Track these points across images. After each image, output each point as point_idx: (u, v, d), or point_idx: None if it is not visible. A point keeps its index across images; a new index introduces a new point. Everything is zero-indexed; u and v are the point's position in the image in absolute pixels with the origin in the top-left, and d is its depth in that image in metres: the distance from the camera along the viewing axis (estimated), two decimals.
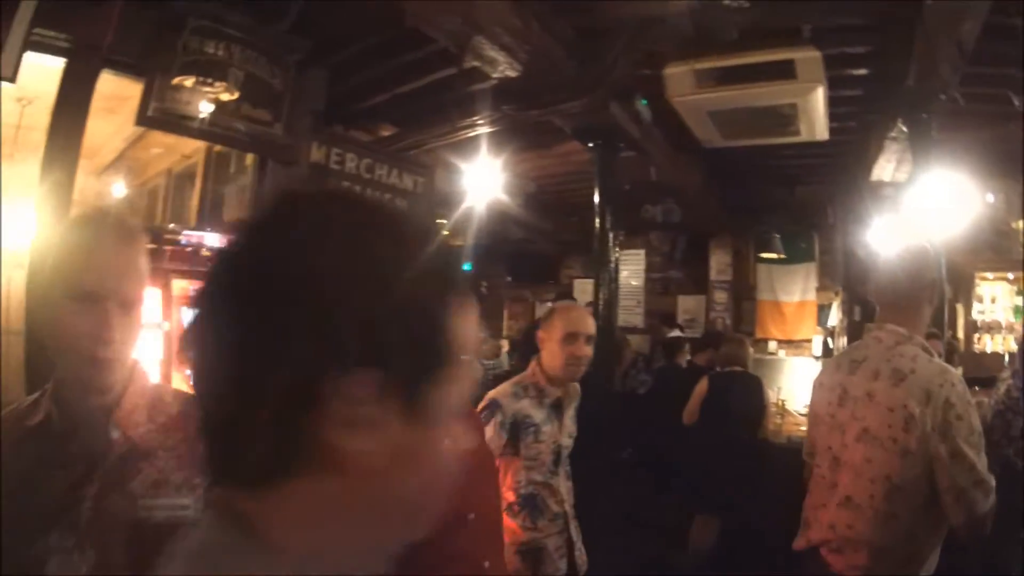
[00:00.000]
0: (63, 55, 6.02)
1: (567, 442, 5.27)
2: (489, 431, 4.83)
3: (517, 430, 4.97)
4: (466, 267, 11.68)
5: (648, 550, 9.44)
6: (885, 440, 4.12)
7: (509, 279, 19.04)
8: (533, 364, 5.30)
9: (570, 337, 5.11)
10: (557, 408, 5.22)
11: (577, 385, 5.43)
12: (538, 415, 5.08)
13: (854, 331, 14.18)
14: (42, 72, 5.83)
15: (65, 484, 2.30)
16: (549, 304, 14.04)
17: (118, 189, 11.50)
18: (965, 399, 4.05)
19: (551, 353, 5.17)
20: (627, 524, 9.42)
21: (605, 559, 6.83)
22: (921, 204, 8.33)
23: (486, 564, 3.34)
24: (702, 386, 9.54)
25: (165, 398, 2.60)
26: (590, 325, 5.26)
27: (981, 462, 3.98)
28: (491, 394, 5.15)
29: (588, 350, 5.20)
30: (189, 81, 6.33)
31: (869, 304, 14.21)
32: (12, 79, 5.40)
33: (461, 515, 3.19)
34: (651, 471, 10.46)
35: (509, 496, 4.94)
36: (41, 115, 8.75)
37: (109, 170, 11.10)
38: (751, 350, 10.74)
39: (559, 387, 5.22)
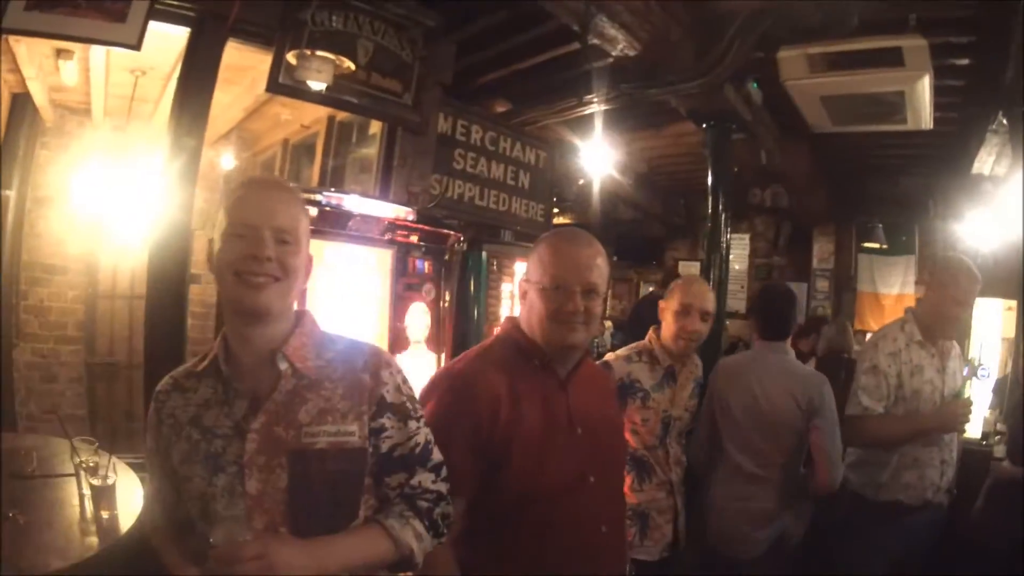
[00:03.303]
0: (187, 24, 6.16)
1: (679, 413, 5.27)
2: None
3: (624, 392, 5.04)
4: None
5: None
6: None
7: (615, 259, 18.60)
8: (651, 331, 5.37)
9: (685, 309, 5.16)
10: (671, 377, 5.25)
11: (697, 358, 5.52)
12: (648, 381, 5.16)
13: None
14: (156, 43, 5.92)
15: (234, 418, 2.56)
16: (651, 288, 14.07)
17: (229, 160, 11.65)
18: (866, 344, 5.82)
19: (667, 323, 5.24)
20: None
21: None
22: (1017, 199, 8.40)
23: (603, 529, 3.33)
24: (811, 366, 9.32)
25: (333, 338, 2.83)
26: (708, 300, 5.27)
27: None
28: (607, 357, 5.31)
29: (702, 327, 5.23)
30: (318, 53, 6.45)
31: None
32: (138, 47, 5.52)
33: (583, 476, 3.28)
34: None
35: None
36: (154, 86, 8.94)
37: (222, 140, 11.21)
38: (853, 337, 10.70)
39: (673, 357, 5.26)
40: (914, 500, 5.33)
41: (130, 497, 4.36)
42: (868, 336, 10.01)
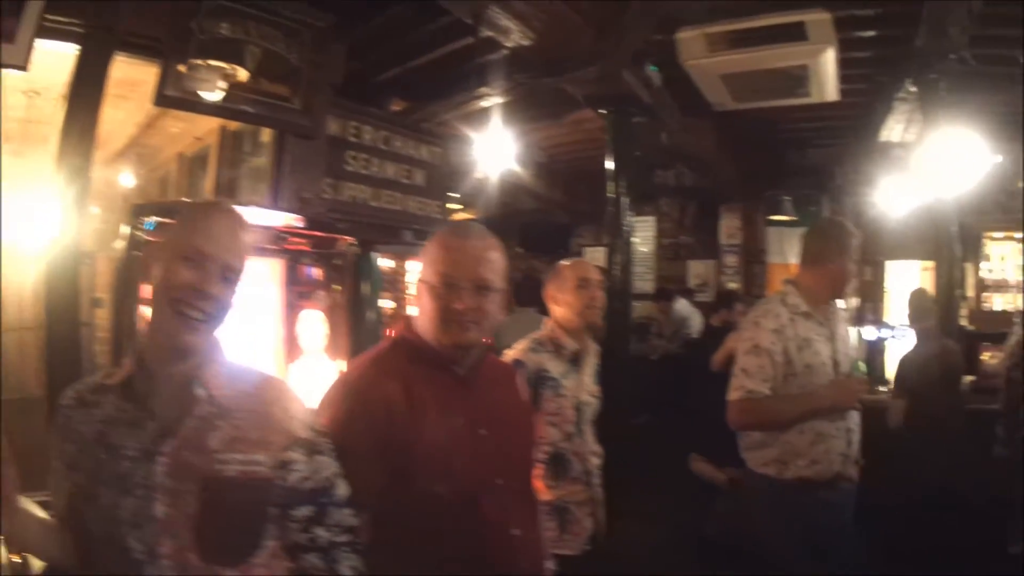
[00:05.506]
0: (76, 41, 5.94)
1: (588, 399, 5.30)
2: None
3: (536, 385, 5.00)
4: None
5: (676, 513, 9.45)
6: None
7: (520, 250, 18.41)
8: (548, 322, 5.36)
9: (583, 283, 5.21)
10: (575, 362, 5.27)
11: (594, 342, 5.53)
12: (556, 369, 5.14)
13: (863, 291, 14.29)
14: (49, 62, 5.75)
15: (143, 440, 2.50)
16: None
17: (128, 178, 11.47)
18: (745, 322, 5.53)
19: (567, 304, 5.24)
20: (652, 490, 9.49)
21: (631, 526, 6.88)
22: (929, 164, 8.48)
23: (515, 531, 3.25)
24: (735, 339, 9.21)
25: (244, 369, 2.82)
26: (596, 272, 5.41)
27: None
28: (510, 353, 5.17)
29: (601, 294, 5.32)
30: (206, 62, 6.34)
31: (878, 264, 14.45)
32: (24, 67, 5.35)
33: (489, 479, 3.22)
34: (671, 435, 10.26)
35: None
36: (48, 107, 8.70)
37: (119, 159, 11.01)
38: None
39: (576, 340, 5.27)
40: (824, 474, 5.13)
41: None
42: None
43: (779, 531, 5.22)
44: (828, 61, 8.42)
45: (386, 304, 7.68)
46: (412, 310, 3.45)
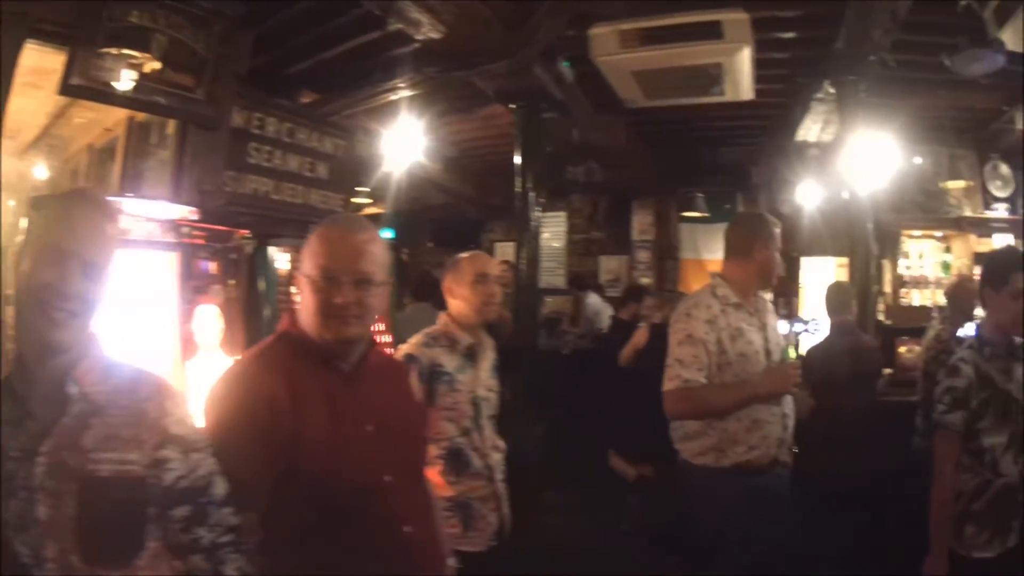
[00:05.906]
0: None
1: (485, 394, 5.26)
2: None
3: (431, 379, 4.97)
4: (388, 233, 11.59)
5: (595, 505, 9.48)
6: None
7: (431, 245, 18.64)
8: (442, 316, 5.33)
9: (481, 278, 5.18)
10: (471, 357, 5.23)
11: (489, 337, 5.50)
12: (450, 364, 5.09)
13: (778, 286, 14.44)
14: None
15: (24, 440, 2.44)
16: None
17: (40, 170, 11.27)
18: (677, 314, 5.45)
19: (463, 298, 5.21)
20: (566, 484, 9.52)
21: (545, 520, 6.85)
22: (845, 163, 8.58)
23: (407, 528, 3.20)
24: (642, 335, 9.29)
25: (120, 365, 2.74)
26: (495, 267, 5.51)
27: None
28: (404, 348, 5.16)
29: (498, 290, 5.35)
30: (113, 51, 6.21)
31: (793, 260, 14.56)
32: None
33: (378, 475, 3.18)
34: (584, 430, 10.26)
35: (431, 450, 4.80)
36: None
37: (31, 150, 10.82)
38: None
39: (471, 334, 5.24)
40: (761, 460, 5.21)
41: None
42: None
43: (717, 520, 5.26)
44: (743, 60, 8.50)
45: (285, 298, 7.59)
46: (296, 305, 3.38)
